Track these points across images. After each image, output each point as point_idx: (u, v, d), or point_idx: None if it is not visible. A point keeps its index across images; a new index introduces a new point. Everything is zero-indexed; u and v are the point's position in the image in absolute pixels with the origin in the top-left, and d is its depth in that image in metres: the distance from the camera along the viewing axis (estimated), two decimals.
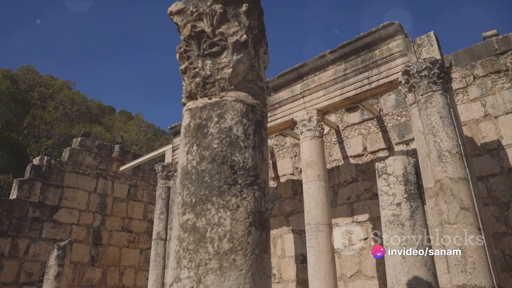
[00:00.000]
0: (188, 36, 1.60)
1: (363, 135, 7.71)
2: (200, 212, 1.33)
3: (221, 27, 1.57)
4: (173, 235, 1.40)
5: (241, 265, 1.26)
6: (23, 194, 8.90)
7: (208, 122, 1.46)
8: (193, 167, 1.41)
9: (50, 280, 6.41)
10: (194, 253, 1.28)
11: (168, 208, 8.29)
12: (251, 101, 1.53)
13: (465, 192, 4.40)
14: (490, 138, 6.16)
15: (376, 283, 6.75)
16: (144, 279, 10.56)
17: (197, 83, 1.55)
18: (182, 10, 1.69)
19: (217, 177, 1.36)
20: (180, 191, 1.42)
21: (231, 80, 1.53)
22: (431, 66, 4.93)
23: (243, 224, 1.32)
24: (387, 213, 2.90)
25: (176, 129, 8.74)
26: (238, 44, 1.56)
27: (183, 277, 1.27)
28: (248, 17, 1.60)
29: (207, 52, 1.57)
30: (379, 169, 3.06)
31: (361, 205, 7.34)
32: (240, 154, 1.41)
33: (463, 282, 4.07)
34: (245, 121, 1.46)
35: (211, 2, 1.58)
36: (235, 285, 1.23)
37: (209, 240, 1.28)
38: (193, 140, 1.46)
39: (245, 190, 1.37)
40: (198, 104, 1.52)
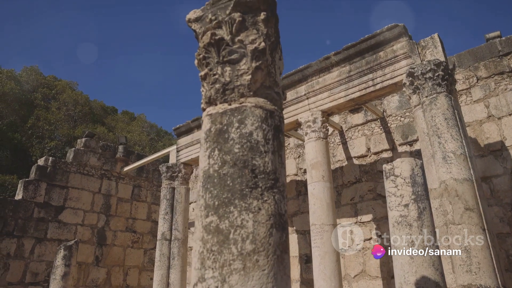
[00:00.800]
0: (207, 43, 1.65)
1: (366, 136, 7.75)
2: (223, 215, 1.37)
3: (240, 35, 1.62)
4: (195, 237, 1.45)
5: (264, 265, 1.31)
6: (28, 195, 8.96)
7: (229, 127, 1.50)
8: (215, 171, 1.46)
9: (57, 280, 6.47)
10: (218, 254, 1.33)
11: (172, 208, 8.34)
12: (269, 106, 1.58)
13: (470, 193, 4.45)
14: (494, 139, 6.20)
15: (380, 283, 6.80)
16: (148, 279, 10.62)
17: (217, 89, 1.60)
18: (201, 18, 1.75)
19: (239, 181, 1.41)
20: (202, 194, 1.47)
21: (250, 87, 1.58)
22: (435, 68, 4.98)
23: (265, 226, 1.37)
24: (395, 214, 2.94)
25: (180, 130, 8.80)
26: (256, 52, 1.61)
27: (208, 277, 1.32)
28: (266, 25, 1.65)
29: (227, 59, 1.62)
30: (386, 170, 3.11)
31: (365, 206, 7.38)
32: (260, 158, 1.46)
33: (468, 282, 4.12)
34: (264, 127, 1.51)
35: (230, 10, 1.63)
36: (258, 284, 1.28)
37: (233, 241, 1.33)
38: (214, 145, 1.51)
39: (266, 193, 1.42)
40: (218, 109, 1.57)
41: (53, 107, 15.46)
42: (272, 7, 1.69)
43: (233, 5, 1.62)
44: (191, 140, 8.55)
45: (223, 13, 1.65)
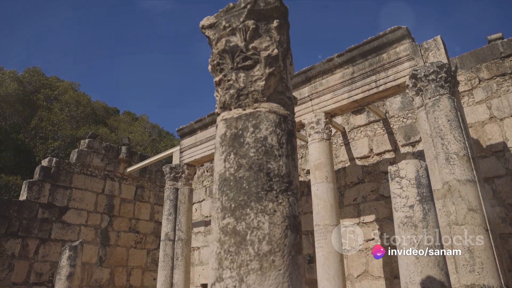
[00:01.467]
0: (222, 50, 1.69)
1: (369, 137, 7.80)
2: (240, 217, 1.42)
3: (253, 42, 1.67)
4: (212, 238, 1.49)
5: (280, 265, 1.36)
6: (32, 195, 9.01)
7: (244, 132, 1.55)
8: (231, 174, 1.51)
9: (62, 280, 6.51)
10: (235, 255, 1.38)
11: (176, 209, 8.39)
12: (283, 111, 1.63)
13: (473, 194, 4.50)
14: (496, 140, 6.25)
15: (383, 283, 6.84)
16: (151, 280, 10.67)
17: (231, 94, 1.65)
18: (214, 25, 1.79)
19: (255, 184, 1.46)
20: (218, 197, 1.52)
21: (263, 92, 1.63)
22: (438, 70, 5.03)
23: (280, 227, 1.42)
24: (400, 215, 2.99)
25: (184, 131, 8.86)
26: (270, 58, 1.65)
27: (226, 277, 1.37)
28: (279, 32, 1.70)
29: (241, 65, 1.67)
30: (391, 172, 3.15)
31: (368, 206, 7.43)
32: (275, 162, 1.51)
33: (472, 282, 4.17)
34: (278, 131, 1.56)
35: (244, 18, 1.68)
36: (274, 284, 1.33)
37: (250, 242, 1.38)
38: (230, 149, 1.55)
39: (281, 196, 1.47)
40: (233, 114, 1.62)
41: (55, 108, 15.52)
42: (285, 15, 1.74)
43: (247, 13, 1.67)
44: (194, 141, 8.60)
45: (237, 21, 1.69)
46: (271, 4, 1.67)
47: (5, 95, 13.42)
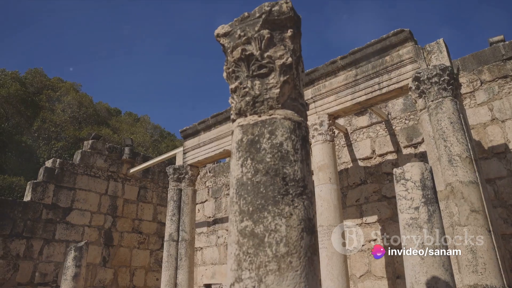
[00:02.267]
0: (238, 58, 1.76)
1: (371, 138, 7.86)
2: (257, 220, 1.48)
3: (268, 51, 1.73)
4: (230, 240, 1.55)
5: (297, 266, 1.42)
6: (36, 196, 9.08)
7: (260, 138, 1.61)
8: (248, 179, 1.57)
9: (68, 280, 6.56)
10: (254, 256, 1.44)
11: (179, 210, 8.45)
12: (297, 118, 1.69)
13: (475, 195, 4.56)
14: (497, 141, 6.31)
15: (385, 283, 6.90)
16: (154, 280, 10.73)
17: (247, 101, 1.71)
18: (229, 33, 1.86)
19: (271, 188, 1.52)
20: (236, 201, 1.58)
21: (278, 99, 1.69)
22: (441, 73, 5.09)
23: (296, 230, 1.48)
24: (406, 216, 3.05)
25: (187, 132, 8.91)
26: (284, 66, 1.72)
27: (245, 277, 1.43)
28: (293, 41, 1.76)
29: (256, 73, 1.73)
30: (397, 174, 3.21)
31: (370, 207, 7.49)
32: (290, 167, 1.57)
33: (474, 282, 4.23)
34: (293, 137, 1.62)
35: (259, 27, 1.74)
36: (292, 284, 1.39)
37: (268, 244, 1.44)
38: (246, 154, 1.61)
39: (296, 200, 1.53)
40: (249, 121, 1.68)
41: (58, 109, 15.59)
42: (298, 24, 1.80)
43: (262, 23, 1.73)
44: (197, 142, 8.66)
45: (252, 30, 1.75)
46: (285, 14, 1.73)
47: (7, 96, 13.49)
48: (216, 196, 10.82)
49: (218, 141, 8.26)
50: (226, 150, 8.06)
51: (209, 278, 10.11)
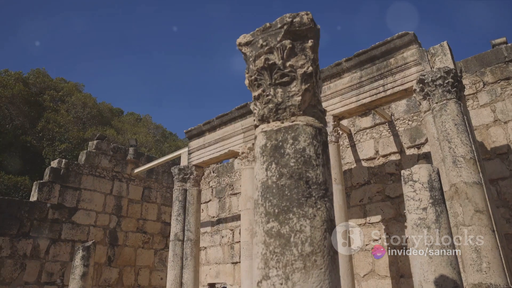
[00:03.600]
0: (261, 67, 1.84)
1: (375, 139, 7.95)
2: (283, 221, 1.57)
3: (290, 60, 1.82)
4: (257, 240, 1.64)
5: (321, 264, 1.52)
6: (43, 196, 9.16)
7: (284, 143, 1.70)
8: (273, 182, 1.66)
9: (76, 280, 6.65)
10: (280, 255, 1.53)
11: (185, 210, 8.53)
12: (317, 124, 1.78)
13: (479, 196, 4.65)
14: (500, 142, 6.40)
15: (389, 282, 6.99)
16: (159, 279, 10.83)
17: (270, 108, 1.80)
18: (251, 42, 1.94)
19: (296, 191, 1.61)
20: (261, 203, 1.67)
21: (300, 107, 1.78)
22: (445, 76, 5.18)
23: (320, 230, 1.57)
24: (414, 216, 3.14)
25: (192, 133, 9.00)
26: (305, 75, 1.81)
27: (272, 275, 1.52)
28: (313, 51, 1.85)
29: (278, 82, 1.82)
30: (405, 176, 3.30)
31: (374, 207, 7.59)
32: (313, 171, 1.66)
33: (479, 281, 4.32)
34: (315, 143, 1.71)
35: (281, 38, 1.82)
36: (317, 281, 1.49)
37: (294, 244, 1.53)
38: (271, 159, 1.70)
39: (319, 202, 1.62)
40: (272, 127, 1.77)
41: (61, 110, 15.67)
42: (317, 34, 1.89)
43: (284, 33, 1.82)
44: (203, 143, 8.75)
45: (274, 40, 1.84)
46: (306, 25, 1.81)
47: (11, 96, 13.57)
48: (220, 196, 10.91)
49: (223, 141, 8.35)
50: (231, 150, 8.15)
51: (213, 277, 10.21)
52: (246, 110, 7.95)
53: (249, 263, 6.98)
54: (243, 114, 8.04)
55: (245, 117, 8.02)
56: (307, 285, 1.47)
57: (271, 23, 1.89)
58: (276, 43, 1.83)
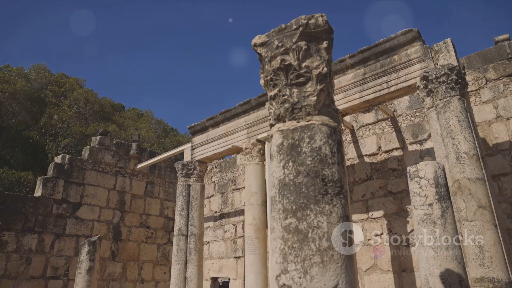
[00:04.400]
0: (277, 68, 1.90)
1: (377, 134, 8.01)
2: (301, 217, 1.63)
3: (305, 61, 1.87)
4: (275, 236, 1.70)
5: (337, 259, 1.58)
6: (47, 192, 9.23)
7: (300, 142, 1.76)
8: (290, 180, 1.72)
9: (82, 274, 6.73)
10: (299, 250, 1.59)
11: (188, 205, 8.60)
12: (332, 124, 1.83)
13: (482, 192, 4.72)
14: (502, 139, 6.46)
15: (391, 276, 7.08)
16: (162, 273, 10.93)
17: (286, 108, 1.86)
18: (266, 43, 1.99)
19: (312, 188, 1.67)
20: (279, 200, 1.73)
21: (315, 106, 1.83)
22: (449, 73, 5.22)
23: (336, 226, 1.63)
24: (420, 212, 3.21)
25: (195, 129, 9.05)
26: (320, 76, 1.86)
27: (291, 269, 1.58)
28: (327, 52, 1.90)
29: (294, 82, 1.87)
30: (411, 172, 3.36)
31: (376, 202, 7.66)
32: (328, 169, 1.72)
33: (481, 275, 4.40)
34: (330, 141, 1.77)
35: (297, 39, 1.87)
36: (334, 275, 1.55)
37: (311, 239, 1.59)
38: (288, 157, 1.76)
39: (335, 199, 1.68)
40: (288, 126, 1.83)
41: (64, 105, 15.70)
42: (332, 36, 1.94)
43: (299, 34, 1.87)
44: (206, 139, 8.80)
45: (290, 41, 1.89)
46: (321, 27, 1.86)
47: (14, 92, 13.59)
48: (223, 191, 10.98)
49: (226, 137, 8.40)
50: (235, 146, 8.21)
51: (216, 271, 10.30)
52: (250, 106, 8.00)
53: (253, 258, 7.06)
54: (247, 110, 8.08)
55: (249, 113, 8.06)
56: (325, 278, 1.53)
57: (286, 24, 1.94)
58: (291, 44, 1.88)
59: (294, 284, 1.55)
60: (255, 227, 7.27)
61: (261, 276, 6.98)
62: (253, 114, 7.99)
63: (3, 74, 14.41)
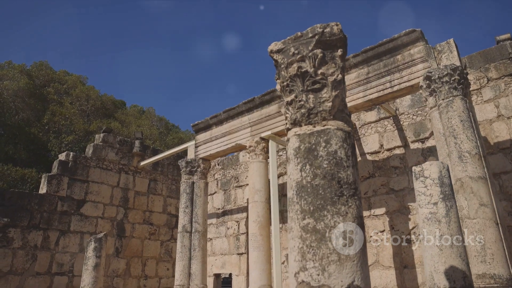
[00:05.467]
0: (294, 74, 1.98)
1: (379, 133, 8.10)
2: (318, 218, 1.73)
3: (321, 68, 1.95)
4: (293, 235, 1.79)
5: (353, 257, 1.67)
6: (52, 189, 9.31)
7: (317, 146, 1.85)
8: (307, 182, 1.80)
9: (89, 270, 6.83)
10: (317, 249, 1.68)
11: (192, 202, 8.70)
12: (346, 128, 1.92)
13: (484, 190, 4.82)
14: (503, 137, 6.55)
15: (393, 272, 7.20)
16: (165, 270, 11.04)
17: (302, 113, 1.94)
18: (282, 50, 2.08)
19: (329, 190, 1.76)
20: (297, 201, 1.82)
21: (330, 112, 1.92)
22: (452, 73, 5.31)
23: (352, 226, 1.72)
24: (425, 211, 3.30)
25: (199, 126, 9.13)
26: (335, 82, 1.94)
27: (309, 267, 1.67)
28: (342, 59, 1.98)
29: (310, 88, 1.96)
30: (416, 172, 3.46)
31: (378, 200, 7.76)
32: (344, 172, 1.81)
33: (483, 271, 4.51)
34: (345, 145, 1.86)
35: (313, 47, 1.96)
36: (350, 272, 1.64)
37: (329, 239, 1.68)
38: (305, 160, 1.85)
39: (350, 200, 1.77)
40: (305, 131, 1.91)
41: (66, 102, 15.75)
42: (346, 44, 2.02)
43: (315, 43, 1.95)
44: (209, 136, 8.89)
45: (306, 49, 1.97)
46: (336, 35, 1.95)
47: (17, 89, 13.64)
48: (225, 188, 11.08)
49: (230, 135, 8.48)
50: (238, 144, 8.29)
51: (219, 268, 10.42)
52: (253, 104, 8.08)
53: (257, 254, 7.17)
54: (250, 108, 8.16)
55: (252, 111, 8.14)
56: (342, 275, 1.63)
57: (302, 32, 2.02)
58: (308, 52, 1.96)
59: (313, 281, 1.64)
60: (259, 224, 7.37)
61: (265, 272, 7.09)
62: (257, 112, 8.07)
63: (5, 71, 14.46)
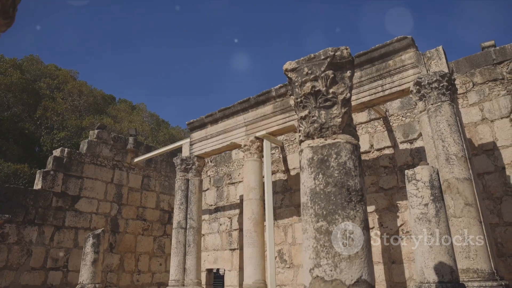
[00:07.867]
0: (308, 92, 2.21)
1: (370, 133, 8.40)
2: (330, 221, 1.97)
3: (332, 87, 2.19)
4: (308, 236, 2.04)
5: (361, 255, 1.92)
6: (46, 185, 9.39)
7: (329, 157, 2.09)
8: (320, 189, 2.05)
9: (87, 265, 6.98)
10: (329, 248, 1.93)
11: (187, 199, 8.89)
12: (354, 142, 2.17)
13: (469, 190, 5.15)
14: (487, 139, 6.92)
15: (381, 267, 7.53)
16: (158, 265, 11.23)
17: (315, 127, 2.18)
18: (296, 69, 2.31)
19: (340, 197, 2.01)
20: (311, 205, 2.06)
21: (340, 126, 2.16)
22: (440, 79, 5.61)
23: (359, 228, 1.97)
24: (416, 211, 3.59)
25: (194, 125, 9.30)
26: (344, 100, 2.18)
27: (323, 264, 1.92)
28: (350, 79, 2.22)
29: (322, 105, 2.19)
30: (408, 175, 3.74)
31: (368, 198, 8.07)
32: (352, 180, 2.05)
33: (467, 267, 4.84)
34: (353, 157, 2.10)
35: (325, 68, 2.19)
36: (358, 268, 1.89)
37: None
38: (318, 170, 2.09)
39: (357, 205, 2.02)
40: (318, 143, 2.15)
41: (58, 98, 15.69)
42: (353, 65, 2.26)
43: (327, 64, 2.19)
44: (205, 135, 9.08)
45: (318, 70, 2.21)
46: (345, 58, 2.19)
47: (10, 83, 13.56)
48: (218, 185, 11.28)
49: (225, 134, 8.69)
50: (233, 143, 8.50)
51: (211, 263, 10.65)
52: (249, 104, 8.29)
53: (252, 250, 7.42)
54: (246, 108, 8.37)
55: (247, 111, 8.35)
56: (351, 271, 1.88)
57: (314, 54, 2.26)
58: (320, 72, 2.20)
59: (326, 276, 1.89)
60: (253, 221, 7.62)
61: (260, 268, 7.35)
62: (252, 112, 8.28)
63: None
